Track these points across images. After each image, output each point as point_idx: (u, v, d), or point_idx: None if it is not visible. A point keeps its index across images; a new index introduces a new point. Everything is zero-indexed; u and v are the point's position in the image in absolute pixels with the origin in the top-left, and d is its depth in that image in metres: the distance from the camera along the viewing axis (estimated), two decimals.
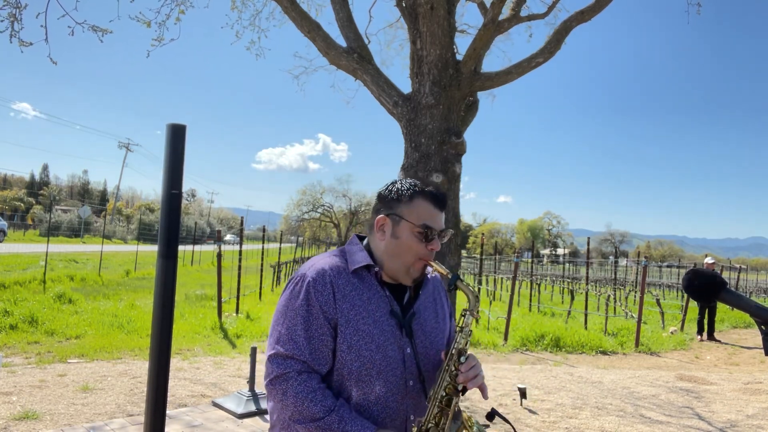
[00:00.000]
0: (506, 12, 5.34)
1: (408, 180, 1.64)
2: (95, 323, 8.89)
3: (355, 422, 1.42)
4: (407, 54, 5.10)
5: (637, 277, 23.00)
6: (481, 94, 5.86)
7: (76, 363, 6.53)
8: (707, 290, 1.43)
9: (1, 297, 10.32)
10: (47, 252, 15.49)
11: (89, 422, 4.49)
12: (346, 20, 5.26)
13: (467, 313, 1.52)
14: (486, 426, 1.50)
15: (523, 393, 5.67)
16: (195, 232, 38.25)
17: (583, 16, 5.17)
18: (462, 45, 9.38)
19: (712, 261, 13.22)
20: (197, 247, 30.67)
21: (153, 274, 2.36)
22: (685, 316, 13.56)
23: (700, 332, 12.09)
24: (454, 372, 1.47)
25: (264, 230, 17.28)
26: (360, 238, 1.69)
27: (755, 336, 13.07)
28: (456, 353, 1.48)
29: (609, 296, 13.75)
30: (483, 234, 25.91)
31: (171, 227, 2.29)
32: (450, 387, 1.46)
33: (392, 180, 1.69)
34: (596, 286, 21.60)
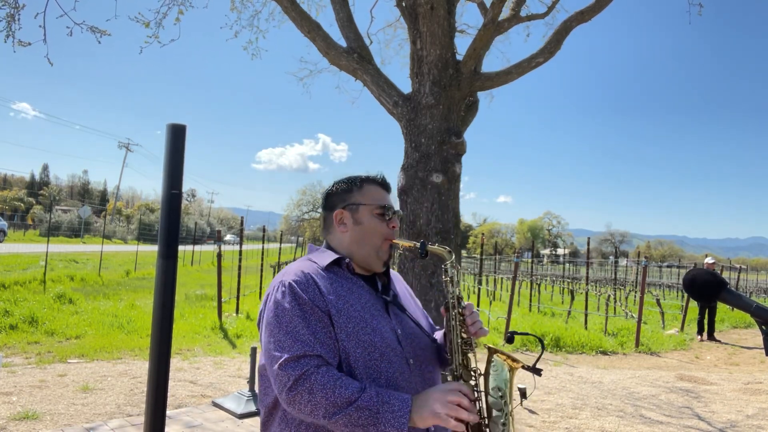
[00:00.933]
0: (506, 12, 5.34)
1: (349, 176, 1.75)
2: (95, 323, 8.89)
3: (392, 393, 1.39)
4: (407, 53, 5.11)
5: (637, 277, 23.00)
6: (480, 94, 5.86)
7: (76, 363, 6.53)
8: (707, 290, 1.43)
9: (1, 297, 10.32)
10: (47, 252, 15.48)
11: (89, 422, 4.48)
12: (347, 20, 5.26)
13: (449, 266, 1.59)
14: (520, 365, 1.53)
15: (523, 393, 5.65)
16: (195, 232, 38.25)
17: (583, 17, 5.16)
18: (462, 45, 9.37)
19: (713, 261, 13.19)
20: (197, 247, 30.67)
21: (153, 274, 2.36)
22: (686, 316, 13.56)
23: (701, 332, 12.08)
24: (462, 317, 1.54)
25: (264, 230, 17.26)
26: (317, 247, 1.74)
27: (755, 336, 13.07)
28: (456, 300, 1.56)
29: (609, 296, 13.74)
30: (483, 234, 25.90)
31: (171, 227, 2.28)
32: (463, 331, 1.54)
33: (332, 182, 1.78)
34: (596, 286, 21.59)
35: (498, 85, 5.25)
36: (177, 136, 2.29)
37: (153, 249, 23.69)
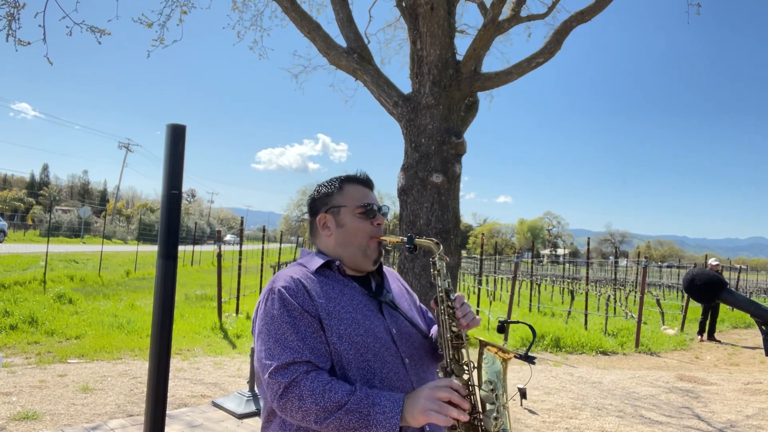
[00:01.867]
0: (506, 12, 5.35)
1: (330, 177, 1.73)
2: (95, 323, 8.89)
3: (382, 394, 1.38)
4: (407, 53, 5.11)
5: (637, 278, 23.00)
6: (480, 94, 5.86)
7: (76, 363, 6.53)
8: (707, 291, 1.43)
9: (1, 297, 10.32)
10: (47, 252, 15.49)
11: (89, 422, 4.49)
12: (346, 20, 5.26)
13: (437, 258, 1.57)
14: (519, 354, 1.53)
15: (523, 393, 5.67)
16: (195, 233, 38.22)
17: (583, 17, 5.17)
18: (462, 45, 9.38)
19: (717, 263, 13.08)
20: (197, 248, 30.67)
21: (153, 275, 2.36)
22: (686, 317, 13.55)
23: (701, 332, 12.07)
24: (451, 310, 1.52)
25: (264, 230, 17.25)
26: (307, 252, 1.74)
27: (755, 336, 13.07)
28: (444, 293, 1.54)
29: (609, 296, 13.74)
30: (483, 234, 25.91)
31: (171, 227, 2.28)
32: (453, 325, 1.51)
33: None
34: (596, 287, 21.59)
35: (498, 85, 5.25)
36: (177, 136, 2.29)
37: (153, 249, 23.67)
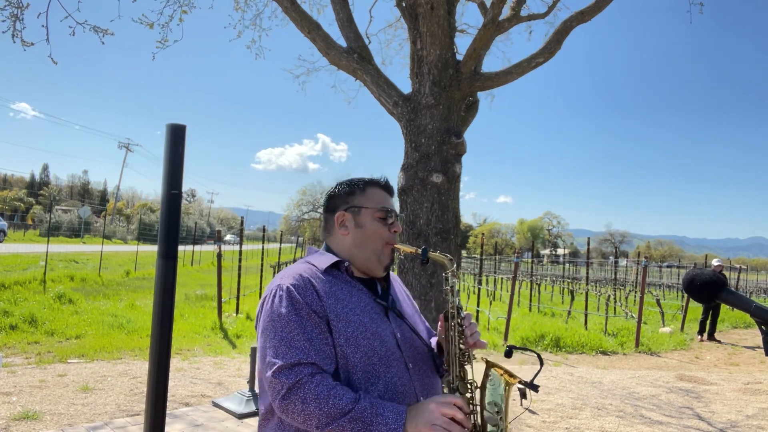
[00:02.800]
0: (506, 12, 5.34)
1: (352, 177, 1.72)
2: (95, 323, 8.89)
3: (386, 405, 1.37)
4: (407, 54, 5.10)
5: (637, 278, 23.00)
6: (480, 94, 5.86)
7: (76, 363, 6.53)
8: (707, 290, 1.43)
9: (1, 297, 10.32)
10: (47, 252, 15.49)
11: (89, 422, 4.49)
12: (347, 20, 5.26)
13: (449, 274, 1.58)
14: (525, 384, 1.53)
15: (523, 393, 5.66)
16: (195, 233, 38.22)
17: (583, 17, 5.16)
18: (462, 45, 9.37)
19: (720, 263, 13.01)
20: (197, 247, 30.66)
21: (153, 275, 2.36)
22: (686, 316, 13.55)
23: (701, 332, 12.07)
24: (460, 327, 1.53)
25: (264, 230, 17.25)
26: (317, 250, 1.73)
27: (755, 336, 13.06)
28: (455, 309, 1.55)
29: (609, 296, 13.73)
30: (483, 234, 25.90)
31: (171, 227, 2.28)
32: (462, 342, 1.52)
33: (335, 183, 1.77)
34: (596, 287, 21.58)
35: (498, 85, 5.24)
36: (177, 136, 2.29)
37: (153, 249, 23.67)
